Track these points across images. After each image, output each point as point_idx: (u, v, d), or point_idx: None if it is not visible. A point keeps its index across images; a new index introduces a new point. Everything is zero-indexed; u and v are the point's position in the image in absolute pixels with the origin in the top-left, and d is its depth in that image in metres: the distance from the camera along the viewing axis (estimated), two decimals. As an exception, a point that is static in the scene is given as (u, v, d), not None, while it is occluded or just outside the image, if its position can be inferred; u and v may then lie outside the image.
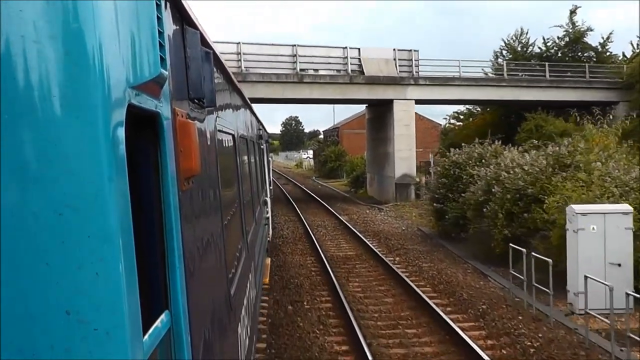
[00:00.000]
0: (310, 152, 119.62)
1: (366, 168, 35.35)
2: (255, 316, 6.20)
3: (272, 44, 27.19)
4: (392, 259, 14.50)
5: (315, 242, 16.78)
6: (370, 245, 16.18)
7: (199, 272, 2.35)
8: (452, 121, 43.40)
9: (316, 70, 27.42)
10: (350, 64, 27.50)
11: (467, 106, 42.34)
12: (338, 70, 27.74)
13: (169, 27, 2.07)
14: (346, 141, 55.71)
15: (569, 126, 29.19)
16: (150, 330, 1.59)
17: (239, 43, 25.01)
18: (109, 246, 1.24)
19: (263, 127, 12.98)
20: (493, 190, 13.33)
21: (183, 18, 2.40)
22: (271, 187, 16.29)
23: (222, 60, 4.00)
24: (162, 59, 1.68)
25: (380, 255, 14.64)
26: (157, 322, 1.69)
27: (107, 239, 1.24)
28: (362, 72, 27.65)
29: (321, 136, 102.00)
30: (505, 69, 30.39)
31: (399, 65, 28.28)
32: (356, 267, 13.83)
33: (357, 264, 14.15)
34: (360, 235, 17.94)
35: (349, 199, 33.03)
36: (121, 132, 1.33)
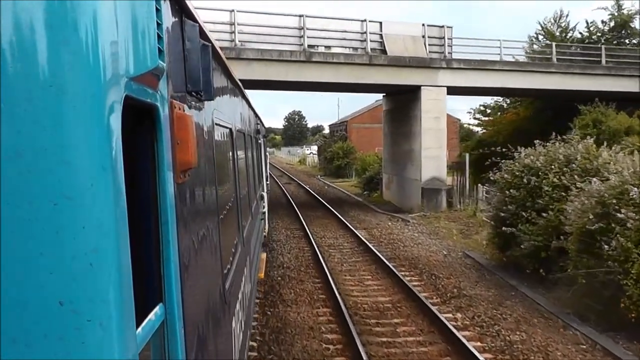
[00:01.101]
0: (314, 147, 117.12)
1: (382, 168, 30.61)
2: (250, 311, 6.26)
3: (275, 14, 22.21)
4: (450, 315, 9.73)
5: (329, 275, 12.13)
6: (409, 284, 11.45)
7: (194, 266, 2.36)
8: (478, 116, 37.72)
9: (328, 47, 21.90)
10: (370, 40, 22.00)
11: (496, 98, 37.00)
12: (355, 49, 22.29)
13: (168, 19, 2.10)
14: (355, 136, 51.88)
15: (634, 122, 23.59)
16: (144, 323, 1.61)
17: (232, 11, 20.33)
18: (103, 237, 1.25)
19: (261, 121, 13.02)
20: (620, 215, 8.57)
21: (182, 10, 2.44)
22: (268, 182, 16.15)
23: (221, 53, 4.10)
24: (160, 51, 1.71)
25: (431, 307, 9.85)
26: (151, 315, 1.71)
27: (101, 230, 1.25)
28: (384, 51, 22.86)
29: (325, 131, 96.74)
30: (554, 52, 24.65)
31: (429, 45, 22.61)
32: (399, 335, 8.96)
33: (398, 328, 9.29)
34: (389, 264, 13.22)
35: (362, 204, 28.12)
36: (118, 123, 1.33)
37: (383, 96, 29.82)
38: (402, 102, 25.66)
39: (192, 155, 2.18)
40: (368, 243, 15.53)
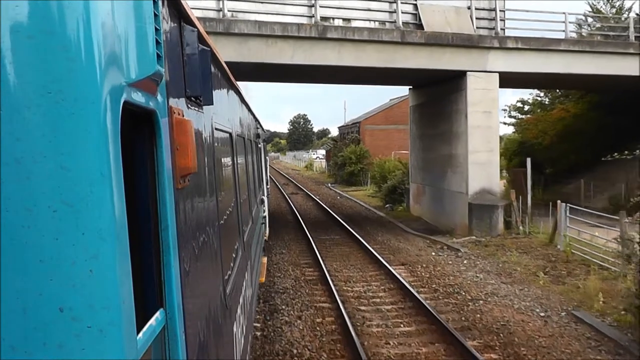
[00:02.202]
0: (321, 151, 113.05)
1: (409, 176, 26.38)
2: (251, 315, 6.35)
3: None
4: None
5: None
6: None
7: (194, 271, 2.40)
8: (514, 114, 32.48)
9: (347, 20, 16.37)
10: (402, 12, 16.25)
11: (539, 93, 31.73)
12: (382, 22, 16.65)
13: (166, 24, 2.11)
14: (369, 139, 48.13)
15: None
16: (145, 328, 1.62)
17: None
18: (103, 243, 1.27)
19: (260, 125, 12.97)
20: None
21: (181, 15, 2.45)
22: (268, 186, 16.29)
23: (220, 58, 4.13)
24: (159, 56, 1.74)
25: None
26: (152, 320, 1.73)
27: (101, 236, 1.27)
28: (419, 26, 18.80)
29: (332, 134, 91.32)
30: (632, 27, 18.90)
31: (476, 18, 16.99)
32: None
33: None
34: (469, 345, 8.46)
35: (387, 222, 23.74)
36: (117, 129, 1.36)
37: (409, 89, 25.75)
38: (437, 95, 21.68)
39: (192, 161, 2.22)
40: (417, 294, 11.28)
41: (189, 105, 2.54)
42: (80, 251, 1.25)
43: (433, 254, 15.95)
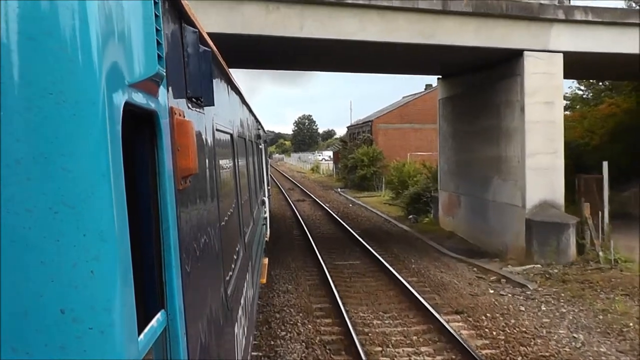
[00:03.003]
0: (327, 153, 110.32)
1: (438, 182, 23.34)
2: (253, 316, 6.61)
3: None
4: None
5: None
6: None
7: (196, 272, 2.51)
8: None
9: (373, -18, 12.52)
10: (443, -28, 12.64)
11: (580, 86, 28.16)
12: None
13: (167, 25, 2.21)
14: (382, 139, 45.10)
15: None
16: (146, 330, 1.69)
17: None
18: (104, 244, 1.32)
19: (262, 126, 13.42)
20: None
21: (181, 16, 2.55)
22: (269, 187, 15.83)
23: (221, 59, 4.36)
24: (160, 57, 1.80)
25: None
26: (153, 322, 1.79)
27: (102, 238, 1.32)
28: None
29: (338, 135, 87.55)
30: None
31: (535, -16, 13.87)
32: None
33: None
34: None
35: (414, 238, 20.54)
36: (118, 130, 1.43)
37: (438, 80, 23.11)
38: (478, 83, 18.77)
39: (193, 162, 2.29)
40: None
41: (190, 106, 2.66)
42: (81, 252, 1.29)
43: (491, 291, 12.15)
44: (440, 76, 22.94)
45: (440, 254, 17.48)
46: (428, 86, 51.58)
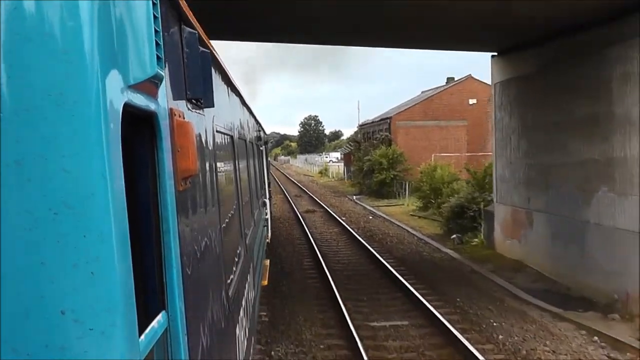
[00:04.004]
0: (334, 154, 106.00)
1: (495, 192, 18.33)
2: (254, 318, 6.55)
3: None
4: None
5: None
6: None
7: (197, 273, 2.50)
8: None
9: None
10: None
11: None
12: None
13: (166, 26, 2.19)
14: (404, 139, 40.21)
15: None
16: (147, 331, 1.68)
17: None
18: (104, 245, 1.32)
19: (262, 127, 13.60)
20: None
21: (180, 17, 2.54)
22: (270, 189, 16.09)
23: (220, 60, 4.36)
24: (159, 58, 1.79)
25: None
26: (154, 323, 1.78)
27: (102, 238, 1.31)
28: None
29: (343, 137, 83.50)
30: None
31: None
32: None
33: None
34: None
35: (469, 271, 15.32)
36: (117, 131, 1.42)
37: (493, 57, 17.96)
38: (566, 55, 13.68)
39: (193, 163, 2.28)
40: None
41: (190, 108, 2.64)
42: (82, 253, 1.29)
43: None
44: (495, 53, 17.69)
45: (516, 298, 12.44)
46: (450, 79, 46.33)
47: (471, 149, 39.57)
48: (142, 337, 1.55)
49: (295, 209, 30.12)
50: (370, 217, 27.58)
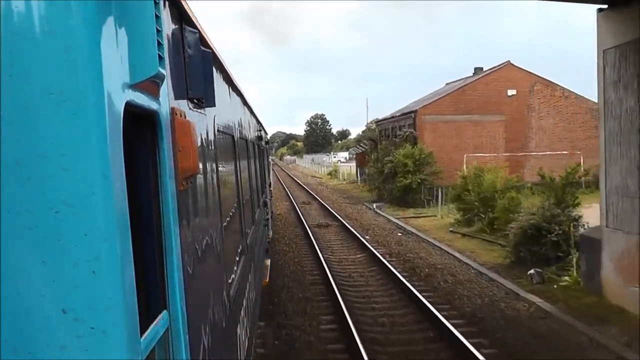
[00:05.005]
0: (342, 154, 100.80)
1: (602, 214, 11.99)
2: (255, 317, 6.43)
3: None
4: None
5: None
6: None
7: (198, 273, 2.50)
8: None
9: None
10: None
11: None
12: None
13: (168, 25, 2.19)
14: (430, 136, 34.20)
15: None
16: (149, 330, 1.66)
17: None
18: (105, 244, 1.30)
19: (263, 127, 13.67)
20: None
21: (182, 17, 2.53)
22: (271, 189, 16.82)
23: (222, 60, 4.32)
24: (161, 58, 1.78)
25: None
26: (156, 322, 1.78)
27: (103, 237, 1.29)
28: None
29: (351, 136, 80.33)
30: None
31: None
32: None
33: None
34: None
35: (568, 335, 9.26)
36: (118, 130, 1.41)
37: (599, 12, 11.91)
38: None
39: (194, 162, 2.28)
40: None
41: (191, 107, 2.63)
42: (83, 252, 1.26)
43: None
44: (604, 5, 12.18)
45: None
46: (478, 69, 40.72)
47: (509, 147, 34.54)
48: (144, 336, 1.55)
49: (305, 221, 24.40)
50: (400, 235, 21.50)
